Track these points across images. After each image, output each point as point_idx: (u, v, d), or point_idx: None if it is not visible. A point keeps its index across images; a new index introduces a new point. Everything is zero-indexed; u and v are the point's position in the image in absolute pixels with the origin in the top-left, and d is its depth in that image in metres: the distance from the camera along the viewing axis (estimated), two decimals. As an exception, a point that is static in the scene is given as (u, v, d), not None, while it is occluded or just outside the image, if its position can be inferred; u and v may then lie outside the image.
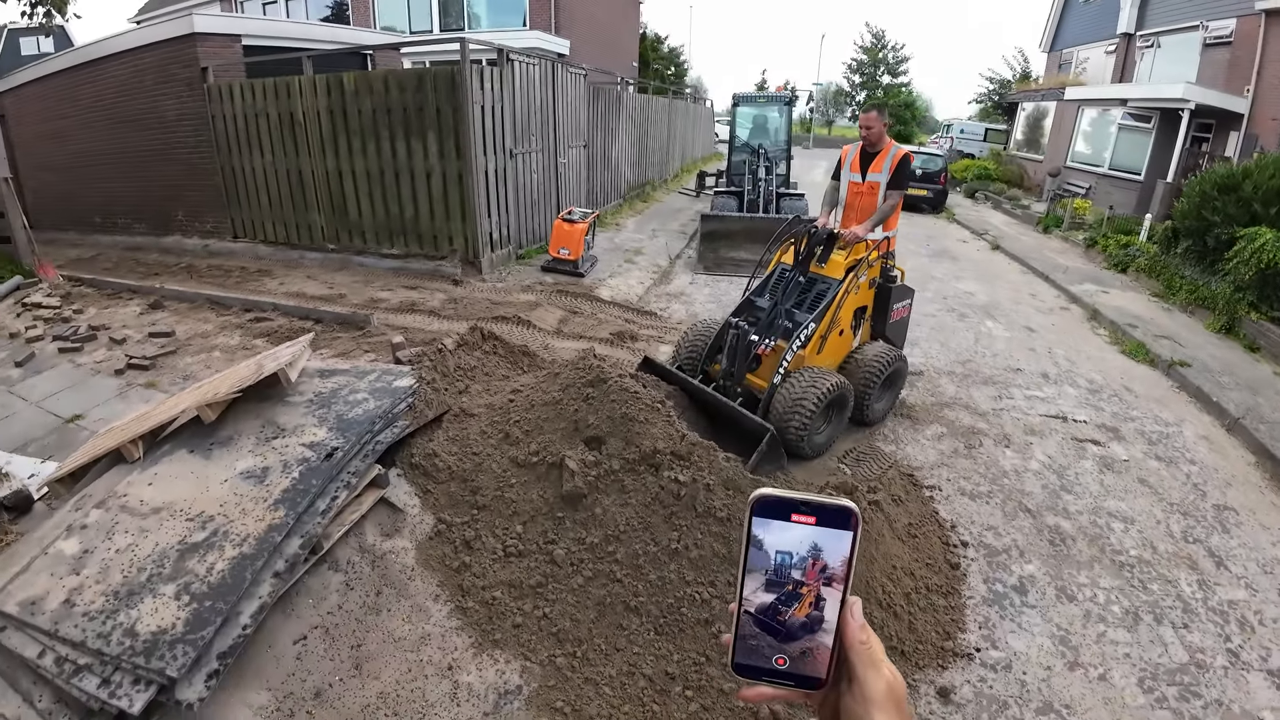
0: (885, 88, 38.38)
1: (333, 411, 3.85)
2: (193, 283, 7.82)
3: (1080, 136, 15.02)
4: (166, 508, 3.08)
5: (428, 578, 3.18)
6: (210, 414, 3.62)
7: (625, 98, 11.95)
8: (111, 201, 10.03)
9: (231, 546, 2.79)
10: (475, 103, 6.68)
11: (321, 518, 3.03)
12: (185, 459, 3.50)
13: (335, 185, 7.83)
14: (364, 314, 5.89)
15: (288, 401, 3.95)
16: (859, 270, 4.22)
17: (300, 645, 2.69)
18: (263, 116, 7.92)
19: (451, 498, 3.65)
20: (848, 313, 4.32)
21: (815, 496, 0.57)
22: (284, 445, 3.51)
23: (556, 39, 16.33)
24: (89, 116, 9.54)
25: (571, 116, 9.12)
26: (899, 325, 4.69)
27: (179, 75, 8.25)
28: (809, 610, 0.58)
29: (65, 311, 6.81)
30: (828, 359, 4.27)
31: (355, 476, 3.38)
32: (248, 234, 8.91)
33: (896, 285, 4.55)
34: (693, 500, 2.93)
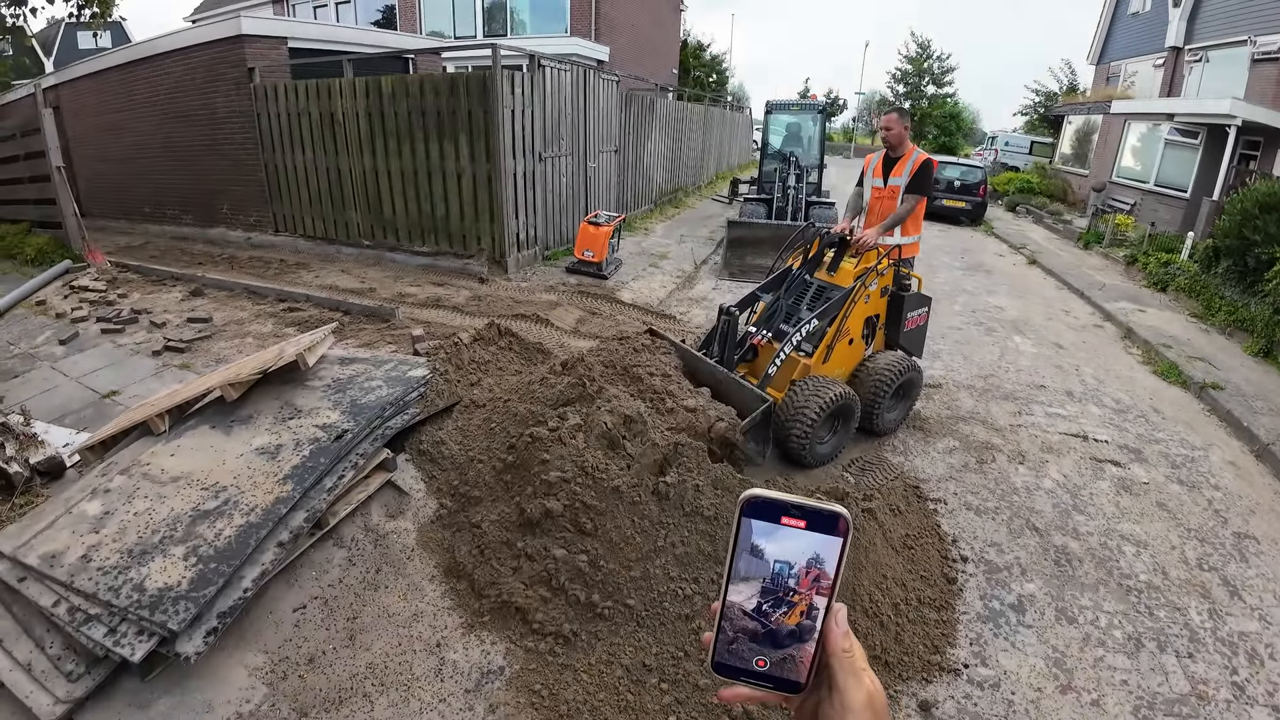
0: (930, 98, 37.70)
1: (347, 396, 4.01)
2: (233, 273, 8.16)
3: (1126, 151, 14.58)
4: (185, 477, 3.25)
5: (425, 559, 3.28)
6: (233, 393, 3.81)
7: (659, 104, 12.04)
8: (161, 193, 10.51)
9: (240, 515, 2.94)
10: (506, 107, 6.84)
11: (328, 494, 3.18)
12: (207, 434, 3.69)
13: (371, 184, 8.09)
14: (390, 307, 6.08)
15: (307, 385, 4.11)
16: (868, 279, 4.18)
17: (299, 614, 2.83)
18: (305, 116, 8.23)
19: (452, 486, 3.76)
20: (857, 321, 4.28)
21: (806, 500, 0.57)
22: (299, 425, 3.67)
23: (596, 45, 16.53)
24: (142, 111, 10.03)
25: (603, 122, 9.24)
26: (915, 334, 4.56)
27: (228, 74, 8.63)
28: (795, 616, 0.58)
29: (110, 295, 7.17)
30: (836, 368, 4.26)
31: (363, 458, 3.53)
32: (288, 228, 9.25)
33: (910, 294, 4.46)
34: (680, 499, 2.97)
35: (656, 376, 3.95)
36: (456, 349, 4.69)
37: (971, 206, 13.98)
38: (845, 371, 4.33)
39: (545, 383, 3.87)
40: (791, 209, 9.56)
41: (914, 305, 4.46)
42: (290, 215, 9.12)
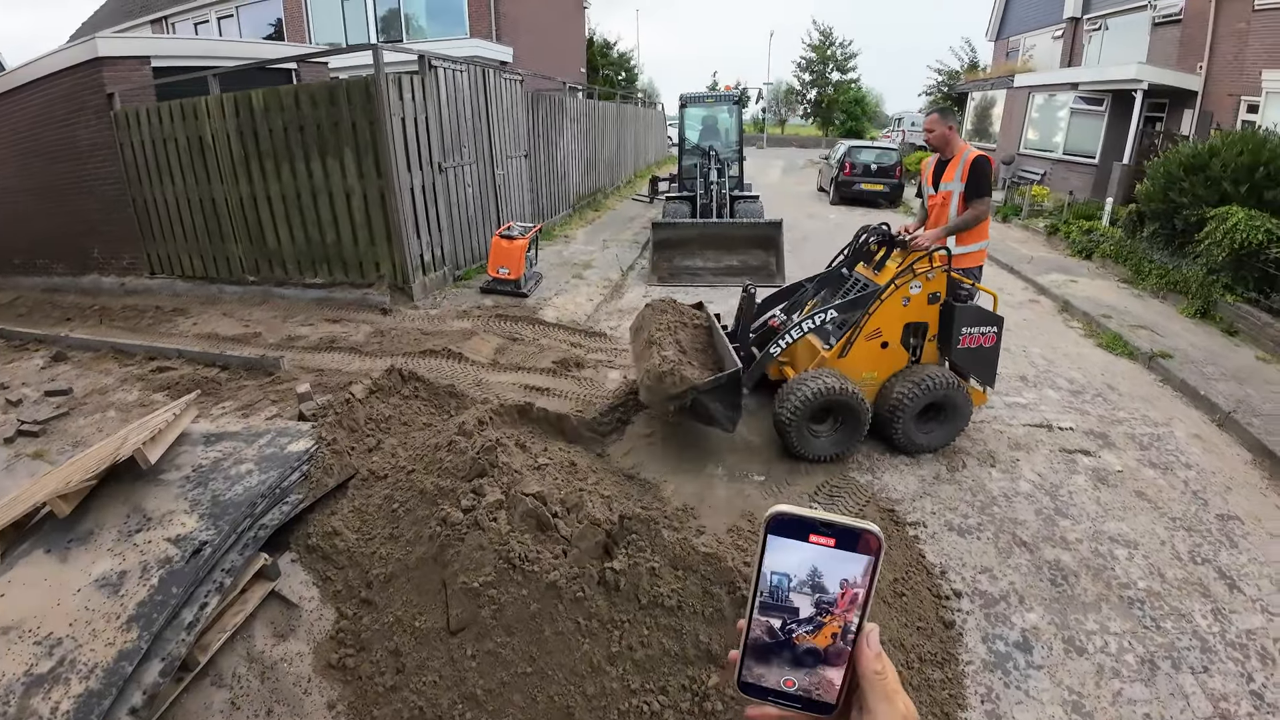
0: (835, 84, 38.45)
1: (209, 491, 3.27)
2: (101, 328, 7.09)
3: (1031, 123, 14.94)
4: (16, 627, 2.55)
5: (327, 688, 2.61)
6: (64, 507, 3.04)
7: (570, 103, 11.44)
8: (30, 240, 9.16)
9: (78, 680, 2.31)
10: (394, 115, 6.10)
11: (187, 633, 2.53)
12: (41, 561, 2.93)
13: (250, 212, 7.16)
14: (274, 357, 5.27)
15: (161, 480, 3.36)
16: (904, 279, 3.83)
17: None
18: (171, 142, 7.22)
19: (351, 587, 3.08)
20: (893, 325, 3.94)
21: (836, 517, 0.54)
22: (147, 541, 2.95)
23: (498, 46, 15.75)
24: (4, 152, 8.71)
25: (509, 125, 8.57)
26: (977, 356, 3.93)
27: (88, 103, 7.51)
28: (825, 637, 0.55)
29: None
30: (865, 368, 4.01)
31: (231, 575, 2.83)
32: (165, 269, 8.17)
33: (967, 306, 3.91)
34: (635, 588, 2.41)
35: (664, 330, 4.12)
36: (349, 407, 3.99)
37: (889, 189, 14.04)
38: (879, 375, 4.03)
39: (454, 447, 3.23)
40: (716, 205, 9.15)
41: (971, 321, 3.86)
42: (166, 255, 8.05)
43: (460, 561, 2.78)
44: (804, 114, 42.78)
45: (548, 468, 3.40)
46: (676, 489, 3.73)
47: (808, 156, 21.12)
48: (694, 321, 4.42)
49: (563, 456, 3.68)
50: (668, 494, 3.68)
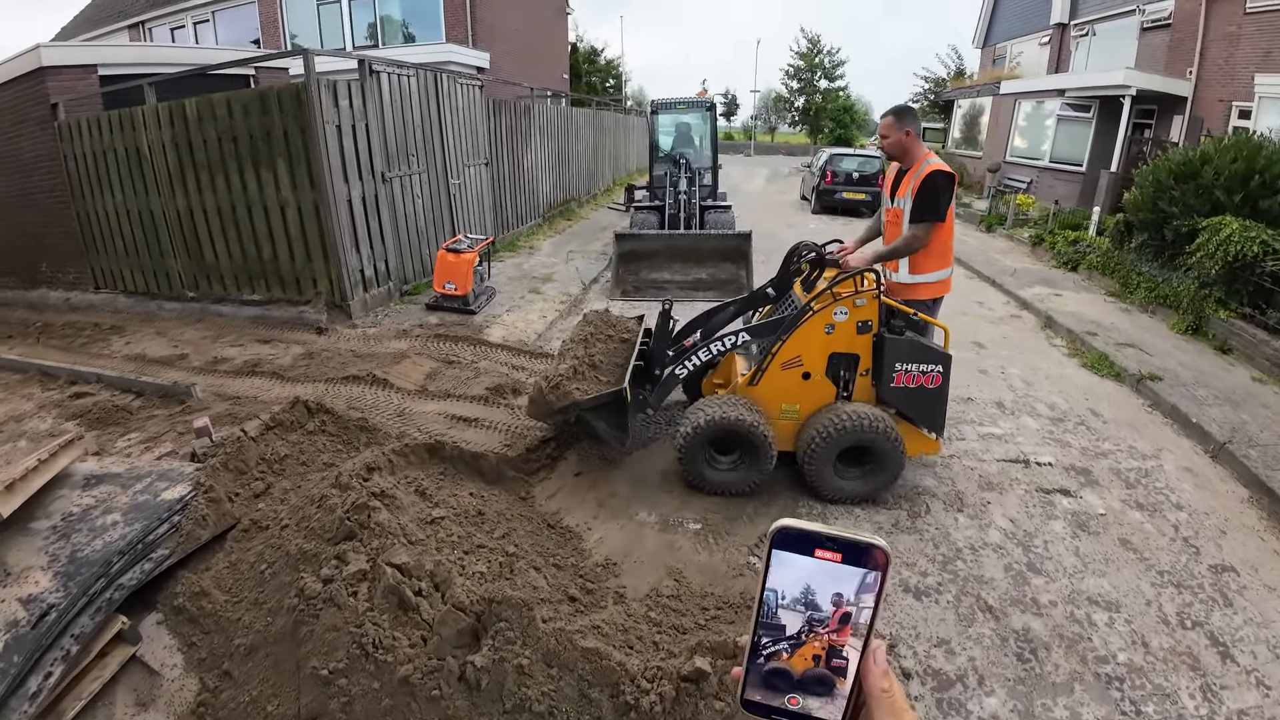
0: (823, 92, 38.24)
1: (70, 545, 2.89)
2: (37, 346, 6.66)
3: (1017, 131, 14.59)
4: None
5: None
6: None
7: (539, 109, 11.05)
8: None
9: None
10: (329, 122, 5.69)
11: (30, 703, 2.29)
12: None
13: (188, 225, 6.76)
14: (185, 385, 4.84)
15: (29, 529, 2.99)
16: (824, 304, 3.39)
17: None
18: (110, 153, 6.83)
19: (215, 655, 2.67)
20: (815, 354, 3.48)
21: (841, 532, 0.53)
22: (2, 599, 2.57)
23: (475, 52, 15.40)
24: None
25: (466, 132, 8.18)
26: (914, 397, 3.40)
27: (32, 114, 7.16)
28: (827, 653, 0.54)
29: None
30: (776, 398, 3.57)
31: (80, 641, 2.51)
32: (108, 284, 7.77)
33: (899, 338, 3.37)
34: (499, 688, 1.98)
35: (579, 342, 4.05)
36: (239, 446, 3.57)
37: (871, 197, 13.68)
38: (802, 410, 3.58)
39: (324, 503, 2.81)
40: (685, 215, 8.74)
41: (907, 356, 3.35)
42: (109, 269, 7.65)
43: (313, 642, 2.37)
44: (792, 122, 42.51)
45: (443, 521, 2.98)
46: (602, 539, 3.31)
47: (794, 165, 20.76)
48: (621, 335, 4.20)
49: (470, 504, 3.26)
50: (590, 544, 3.26)
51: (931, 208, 3.46)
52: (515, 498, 3.59)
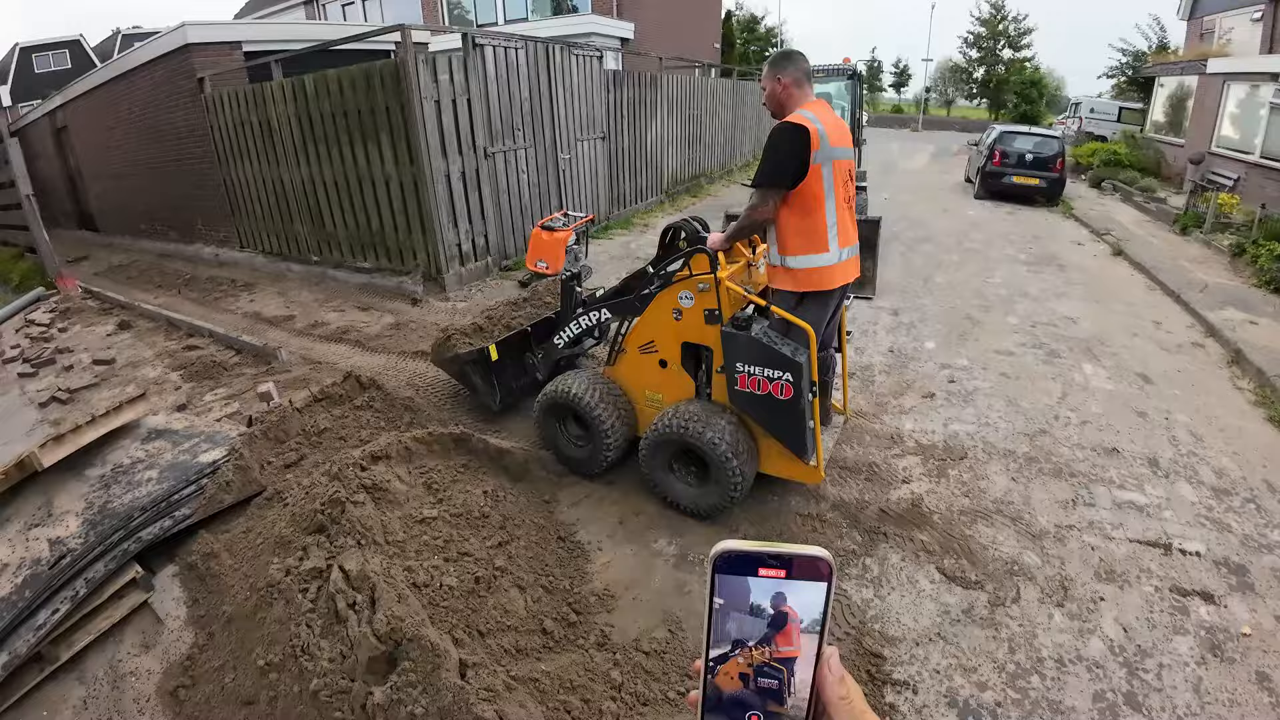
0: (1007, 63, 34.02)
1: (107, 494, 3.09)
2: (177, 298, 7.55)
3: (1227, 118, 11.92)
4: None
5: (158, 713, 2.36)
6: None
7: (666, 80, 10.66)
8: (151, 209, 10.17)
9: None
10: (428, 98, 5.75)
11: (34, 636, 2.48)
12: None
13: (311, 195, 7.24)
14: (273, 348, 5.14)
15: (83, 475, 3.25)
16: (672, 287, 3.10)
17: None
18: (246, 125, 7.49)
19: (210, 615, 2.75)
20: (668, 340, 3.22)
21: (784, 548, 0.54)
22: (37, 537, 2.87)
23: (619, 23, 15.28)
24: (126, 128, 9.67)
25: (580, 105, 8.01)
26: (761, 406, 2.91)
27: (183, 87, 8.03)
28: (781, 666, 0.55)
29: (53, 330, 6.62)
30: (641, 382, 3.42)
31: (90, 585, 2.68)
32: (250, 244, 8.61)
33: (740, 334, 2.87)
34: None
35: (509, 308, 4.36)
36: (282, 416, 3.67)
37: (1047, 184, 11.80)
38: (664, 399, 3.35)
39: (311, 492, 2.76)
40: (810, 195, 8.00)
41: (749, 356, 2.86)
42: (249, 231, 8.46)
43: (264, 629, 2.33)
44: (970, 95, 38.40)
45: (434, 522, 2.84)
46: (609, 563, 3.00)
47: (964, 142, 18.64)
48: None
49: (478, 504, 3.10)
50: (595, 567, 2.97)
51: (769, 171, 2.76)
52: (536, 500, 3.37)
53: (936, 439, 3.91)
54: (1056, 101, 36.01)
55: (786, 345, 2.82)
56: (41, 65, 28.87)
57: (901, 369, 4.85)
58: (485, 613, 2.44)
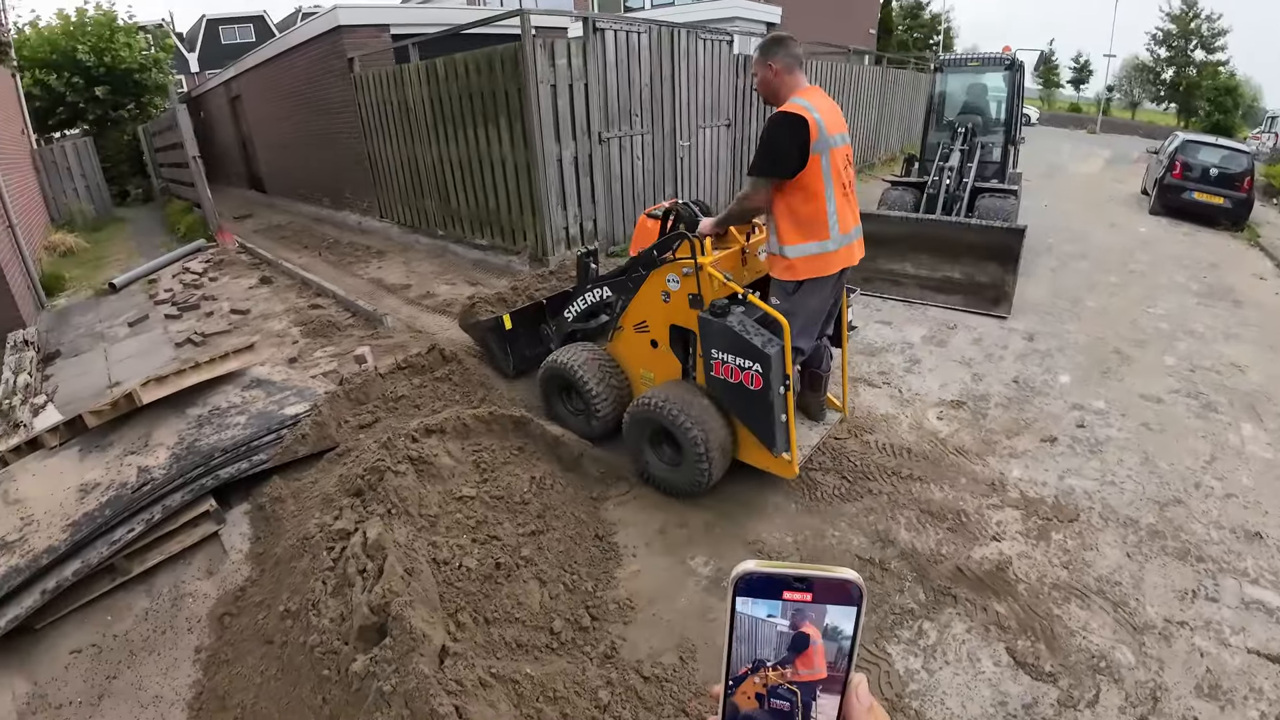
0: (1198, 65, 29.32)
1: (198, 433, 3.46)
2: (316, 259, 8.29)
3: None
4: (20, 502, 3.05)
5: (205, 635, 2.63)
6: (93, 420, 3.45)
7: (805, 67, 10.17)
8: (308, 176, 11.31)
9: (18, 555, 2.70)
10: (543, 82, 5.83)
11: (107, 547, 2.81)
12: (70, 458, 3.44)
13: (440, 173, 7.67)
14: (380, 314, 5.51)
15: (184, 413, 3.65)
16: (661, 269, 3.20)
17: (73, 656, 2.55)
18: (388, 104, 8.05)
19: (267, 554, 2.98)
20: (658, 321, 3.34)
21: (809, 570, 0.51)
22: (130, 463, 3.26)
23: (764, 6, 14.79)
24: (289, 101, 10.80)
25: (705, 91, 7.81)
26: (734, 394, 2.92)
27: (335, 66, 8.77)
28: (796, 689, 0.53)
29: (204, 279, 7.55)
30: (636, 360, 3.58)
31: (166, 511, 3.02)
32: (388, 215, 9.28)
33: (715, 321, 2.86)
34: (363, 694, 1.79)
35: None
36: (365, 380, 3.89)
37: (1231, 204, 9.93)
38: (657, 378, 3.49)
39: (359, 456, 2.87)
40: (945, 197, 7.30)
41: (721, 343, 2.87)
42: (388, 202, 9.13)
43: (292, 577, 2.47)
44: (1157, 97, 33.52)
45: (472, 501, 2.87)
46: (638, 572, 2.86)
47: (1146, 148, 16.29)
48: None
49: (521, 489, 3.09)
50: (623, 575, 2.84)
51: (765, 160, 2.78)
52: (583, 495, 3.31)
53: (1046, 493, 3.36)
54: (1253, 113, 30.58)
55: (759, 336, 2.79)
56: (228, 37, 32.30)
57: (1023, 404, 4.25)
58: (497, 600, 2.43)
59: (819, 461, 3.55)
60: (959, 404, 4.23)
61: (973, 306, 5.93)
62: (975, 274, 6.31)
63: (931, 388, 4.45)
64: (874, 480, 3.42)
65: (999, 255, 6.17)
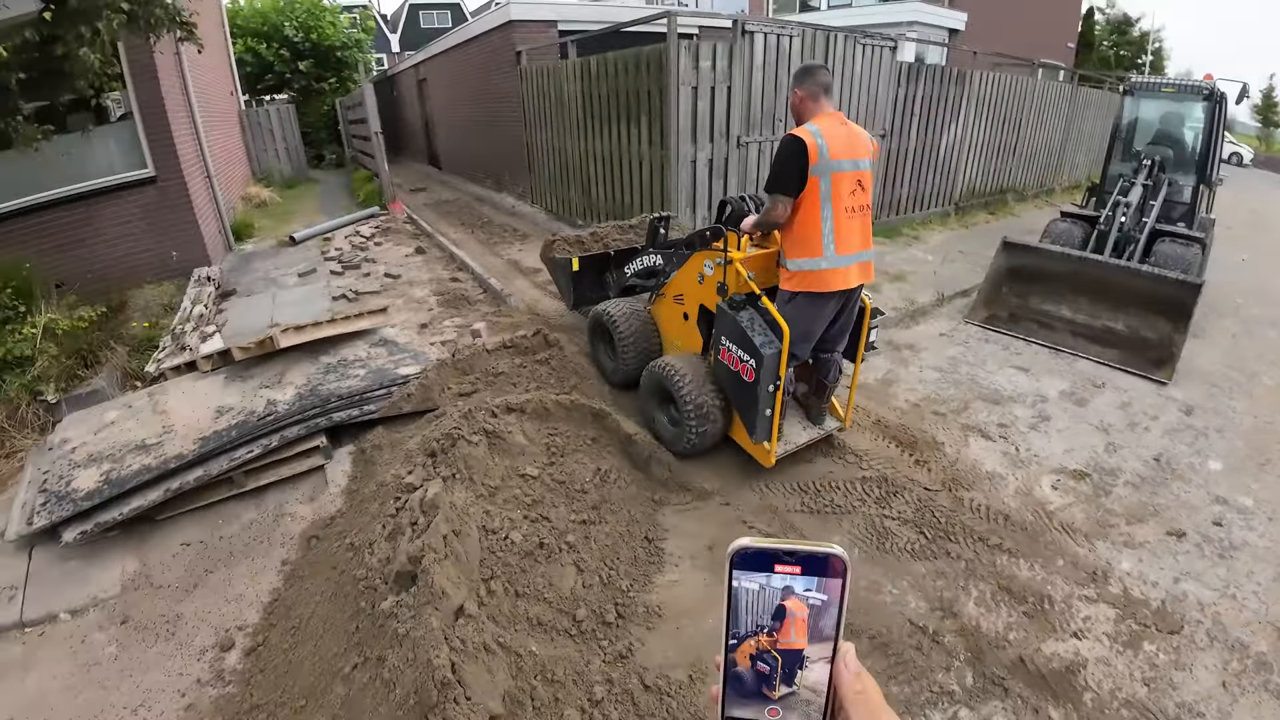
0: None
1: (324, 378, 3.98)
2: (469, 236, 8.97)
3: None
4: (166, 413, 3.72)
5: (293, 551, 3.10)
6: (239, 354, 4.05)
7: (976, 79, 9.41)
8: (476, 158, 12.29)
9: (152, 457, 3.30)
10: (685, 84, 5.90)
11: (227, 461, 3.34)
12: (215, 382, 4.06)
13: (584, 166, 8.03)
14: (507, 294, 5.95)
15: (317, 359, 4.19)
16: (703, 253, 3.57)
17: (182, 548, 3.09)
18: (546, 97, 8.51)
19: (357, 492, 3.38)
20: (691, 298, 3.75)
21: (798, 545, 0.56)
22: (260, 394, 3.82)
23: (949, 12, 13.84)
24: (464, 88, 11.85)
25: (861, 98, 7.49)
26: (732, 381, 3.29)
27: (506, 58, 9.44)
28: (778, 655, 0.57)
29: (370, 243, 8.48)
30: (670, 329, 4.06)
31: (283, 440, 3.54)
32: (538, 201, 9.86)
33: (729, 314, 3.22)
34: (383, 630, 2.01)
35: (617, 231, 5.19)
36: (472, 353, 4.22)
37: None
38: (682, 347, 3.93)
39: (440, 422, 3.13)
40: (1117, 236, 6.47)
41: (730, 334, 3.25)
42: (539, 189, 9.70)
43: (364, 517, 2.79)
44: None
45: (534, 480, 3.06)
46: (676, 582, 2.85)
47: None
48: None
49: (585, 479, 3.23)
50: (660, 581, 2.84)
51: (777, 178, 3.05)
52: (644, 496, 3.39)
53: (1154, 595, 2.91)
54: None
55: (761, 335, 3.10)
56: (426, 22, 35.11)
57: (1157, 487, 3.69)
58: (532, 577, 2.57)
59: (898, 510, 3.34)
60: (1081, 475, 3.77)
61: (1129, 365, 5.24)
62: (1140, 328, 5.57)
63: (1054, 451, 4.00)
64: (956, 542, 3.14)
65: (1170, 310, 5.39)
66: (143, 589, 2.84)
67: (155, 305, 5.97)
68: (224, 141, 10.39)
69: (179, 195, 6.67)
